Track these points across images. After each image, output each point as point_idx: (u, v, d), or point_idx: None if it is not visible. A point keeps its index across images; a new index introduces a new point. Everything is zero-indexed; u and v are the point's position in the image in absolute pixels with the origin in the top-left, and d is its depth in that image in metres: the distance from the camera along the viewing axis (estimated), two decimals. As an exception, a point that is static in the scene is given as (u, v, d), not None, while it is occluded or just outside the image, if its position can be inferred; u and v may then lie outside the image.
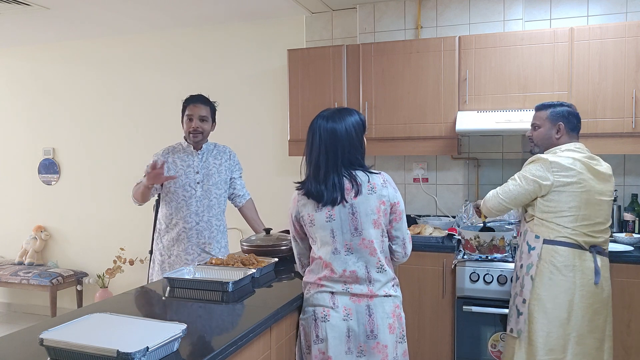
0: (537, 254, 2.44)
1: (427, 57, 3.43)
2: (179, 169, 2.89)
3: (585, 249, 2.39)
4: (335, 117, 1.93)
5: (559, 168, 2.38)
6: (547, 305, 2.39)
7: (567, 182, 2.37)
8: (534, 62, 3.22)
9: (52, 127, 5.09)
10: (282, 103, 4.21)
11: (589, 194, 2.37)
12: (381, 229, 1.93)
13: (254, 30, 4.33)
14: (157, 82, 4.68)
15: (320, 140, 1.91)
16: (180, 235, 2.89)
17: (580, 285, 2.37)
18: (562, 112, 2.52)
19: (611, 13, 3.42)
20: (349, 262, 1.90)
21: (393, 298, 1.96)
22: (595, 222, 2.39)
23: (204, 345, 1.50)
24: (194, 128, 2.87)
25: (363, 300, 1.90)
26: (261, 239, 2.70)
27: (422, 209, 3.91)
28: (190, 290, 2.08)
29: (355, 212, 1.90)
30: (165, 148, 2.97)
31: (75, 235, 5.08)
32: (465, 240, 3.08)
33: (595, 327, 2.39)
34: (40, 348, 1.36)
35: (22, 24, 4.36)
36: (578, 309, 2.36)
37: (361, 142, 1.97)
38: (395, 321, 1.94)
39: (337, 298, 1.91)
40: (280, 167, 4.32)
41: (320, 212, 1.91)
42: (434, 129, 3.43)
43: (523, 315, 2.46)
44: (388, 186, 1.95)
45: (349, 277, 1.90)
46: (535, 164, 2.45)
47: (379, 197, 1.91)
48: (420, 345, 3.21)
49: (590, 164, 2.39)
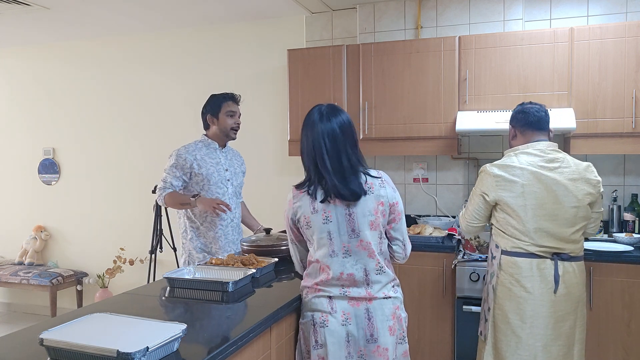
0: (497, 264, 2.41)
1: (427, 57, 3.43)
2: (210, 167, 2.88)
3: (545, 257, 2.32)
4: (331, 116, 1.90)
5: (502, 181, 2.32)
6: (509, 315, 2.35)
7: (512, 195, 2.31)
8: (534, 62, 3.22)
9: (52, 127, 5.09)
10: (282, 103, 4.21)
11: (541, 204, 2.28)
12: (379, 230, 1.89)
13: (254, 30, 4.33)
14: (157, 82, 4.67)
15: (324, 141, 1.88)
16: (218, 233, 2.90)
17: (539, 295, 2.31)
18: (512, 114, 2.47)
19: (611, 13, 3.42)
20: (347, 264, 1.87)
21: (393, 299, 1.92)
22: (553, 232, 2.30)
23: (204, 345, 1.50)
24: (238, 124, 2.93)
25: (362, 303, 1.87)
26: (261, 239, 2.70)
27: (422, 209, 3.91)
28: (190, 290, 2.08)
29: (352, 213, 1.86)
30: (189, 145, 2.92)
31: (75, 235, 5.08)
32: (465, 240, 3.09)
33: (560, 334, 2.33)
34: (40, 348, 1.36)
35: (22, 24, 4.36)
36: (540, 319, 2.31)
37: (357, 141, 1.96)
38: (395, 323, 1.91)
39: (335, 302, 1.88)
40: (280, 167, 4.32)
41: (317, 214, 1.87)
42: (434, 129, 3.43)
43: (488, 322, 2.45)
44: (386, 186, 1.91)
45: (346, 280, 1.87)
46: (480, 178, 2.43)
47: (376, 197, 1.87)
48: (420, 345, 3.21)
49: (539, 172, 2.29)
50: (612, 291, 2.85)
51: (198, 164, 2.85)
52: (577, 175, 2.31)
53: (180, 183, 2.85)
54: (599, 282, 2.86)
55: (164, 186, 2.86)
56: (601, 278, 2.85)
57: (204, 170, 2.85)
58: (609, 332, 2.86)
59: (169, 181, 2.84)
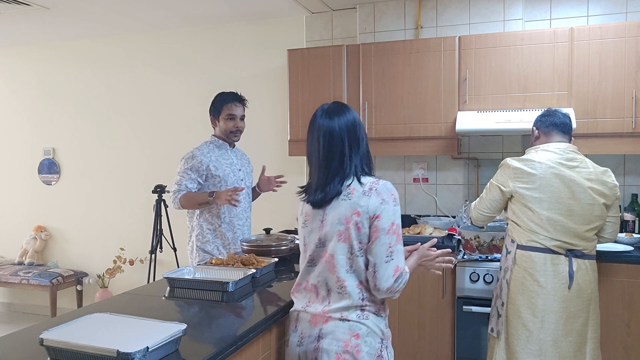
0: (512, 258, 2.45)
1: (427, 57, 3.43)
2: (225, 167, 2.88)
3: (560, 254, 2.36)
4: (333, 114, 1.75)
5: (520, 174, 2.39)
6: (521, 310, 2.39)
7: (528, 187, 2.37)
8: (534, 62, 3.22)
9: (52, 127, 5.09)
10: (282, 103, 4.21)
11: (557, 198, 2.33)
12: (349, 244, 1.62)
13: (254, 30, 4.33)
14: (156, 82, 4.67)
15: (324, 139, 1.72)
16: (236, 234, 2.90)
17: (552, 290, 2.34)
18: (537, 117, 2.58)
19: (611, 13, 3.42)
20: (311, 274, 1.71)
21: (353, 324, 1.61)
22: (568, 226, 2.34)
23: (204, 345, 1.50)
24: (237, 127, 2.91)
25: (319, 323, 1.65)
26: (261, 239, 2.70)
27: (422, 209, 3.91)
28: (190, 290, 2.08)
29: (324, 219, 1.67)
30: (201, 146, 2.90)
31: (75, 235, 5.07)
32: (465, 240, 3.09)
33: (571, 330, 2.36)
34: (40, 348, 1.36)
35: (22, 24, 4.36)
36: (552, 314, 2.34)
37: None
38: (348, 358, 1.60)
39: (299, 319, 1.72)
40: (281, 167, 4.31)
41: (301, 216, 1.77)
42: (434, 129, 3.43)
43: (502, 317, 2.48)
44: (372, 196, 1.61)
45: (310, 291, 1.71)
46: (500, 170, 2.52)
47: (352, 205, 1.62)
48: (420, 345, 3.21)
49: (558, 169, 2.34)
50: (612, 291, 2.85)
51: (214, 165, 2.83)
52: (594, 177, 2.37)
53: (195, 185, 2.81)
54: (599, 282, 2.85)
55: (178, 189, 2.80)
56: (601, 278, 2.84)
57: (220, 171, 2.84)
58: (609, 332, 2.86)
59: (184, 184, 2.79)
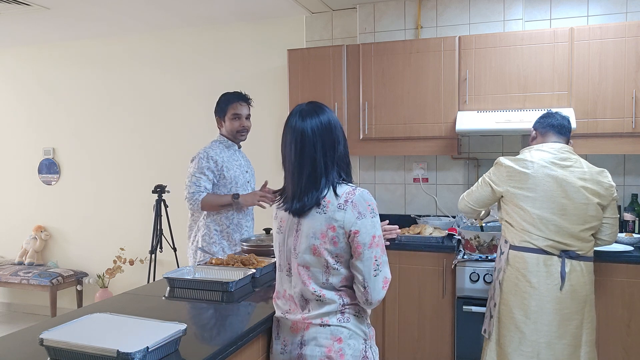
0: (505, 259, 2.43)
1: (427, 57, 3.43)
2: (235, 168, 2.87)
3: (553, 254, 2.34)
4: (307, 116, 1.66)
5: (513, 173, 2.39)
6: (514, 311, 2.37)
7: (521, 186, 2.36)
8: (534, 62, 3.22)
9: (52, 127, 5.09)
10: (282, 103, 4.21)
11: (550, 197, 2.32)
12: (324, 258, 1.54)
13: (254, 30, 4.33)
14: (157, 82, 4.67)
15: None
16: (243, 235, 2.89)
17: (545, 291, 2.33)
18: (537, 119, 2.58)
19: (611, 13, 3.42)
20: (287, 283, 1.66)
21: (334, 329, 1.56)
22: (562, 226, 2.32)
23: (204, 345, 1.50)
24: (243, 127, 2.90)
25: (300, 329, 1.61)
26: (261, 239, 2.70)
27: (422, 209, 3.91)
28: (190, 290, 2.08)
29: (299, 229, 1.59)
30: (212, 146, 2.87)
31: (75, 235, 5.07)
32: (465, 240, 3.09)
33: (565, 333, 2.34)
34: (40, 348, 1.36)
35: (22, 24, 4.36)
36: (545, 315, 2.33)
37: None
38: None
39: (281, 325, 1.68)
40: (280, 167, 4.31)
41: (276, 220, 1.70)
42: (434, 129, 3.43)
43: (494, 318, 2.46)
44: (348, 209, 1.52)
45: (288, 299, 1.66)
46: (494, 168, 2.52)
47: (327, 220, 1.53)
48: (420, 345, 3.21)
49: (551, 168, 2.33)
50: (612, 291, 2.85)
51: (226, 166, 2.82)
52: (588, 176, 2.35)
53: (211, 186, 2.79)
54: (599, 282, 2.85)
55: (197, 190, 2.75)
56: (601, 278, 2.85)
57: (232, 172, 2.83)
58: (609, 332, 2.86)
59: (203, 185, 2.76)
